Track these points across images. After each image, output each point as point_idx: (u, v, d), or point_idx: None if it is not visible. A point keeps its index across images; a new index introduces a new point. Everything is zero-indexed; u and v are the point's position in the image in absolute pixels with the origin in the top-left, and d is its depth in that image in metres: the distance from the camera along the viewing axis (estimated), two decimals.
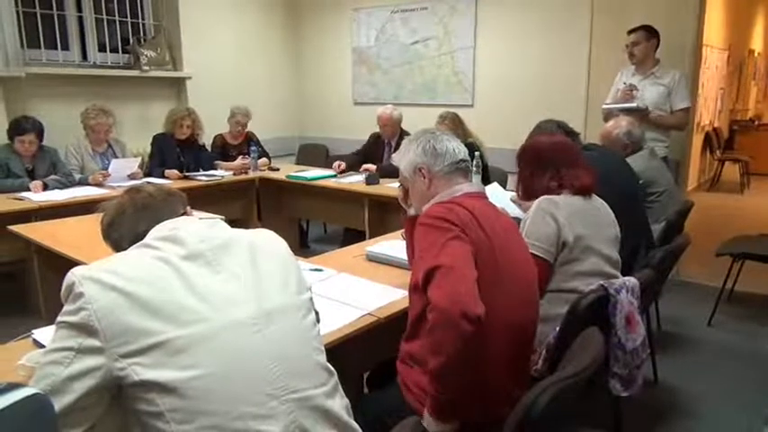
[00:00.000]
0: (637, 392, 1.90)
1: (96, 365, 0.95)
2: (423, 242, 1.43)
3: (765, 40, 10.74)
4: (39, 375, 0.97)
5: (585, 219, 1.94)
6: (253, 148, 4.64)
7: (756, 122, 10.14)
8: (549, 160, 2.01)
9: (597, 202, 2.04)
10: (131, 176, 4.03)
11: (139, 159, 4.26)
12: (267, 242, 1.21)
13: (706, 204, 6.33)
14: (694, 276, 4.06)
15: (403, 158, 1.67)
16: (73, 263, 2.22)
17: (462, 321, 1.22)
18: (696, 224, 3.28)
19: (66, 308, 0.99)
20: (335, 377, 1.17)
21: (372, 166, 4.21)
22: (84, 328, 0.96)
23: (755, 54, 10.15)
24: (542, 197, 1.97)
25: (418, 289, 1.39)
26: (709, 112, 7.62)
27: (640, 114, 3.53)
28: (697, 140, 6.97)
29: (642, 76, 3.76)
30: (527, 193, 2.09)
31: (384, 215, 3.83)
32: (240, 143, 4.78)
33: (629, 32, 3.74)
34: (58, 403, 0.93)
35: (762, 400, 2.58)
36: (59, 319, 0.99)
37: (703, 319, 3.45)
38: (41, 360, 0.99)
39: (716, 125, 8.11)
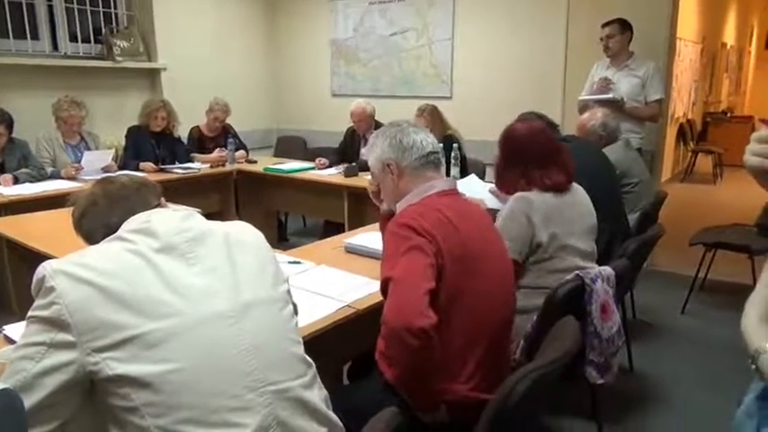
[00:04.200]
0: (612, 380, 1.94)
1: (68, 360, 0.93)
2: (387, 248, 1.46)
3: (737, 33, 10.93)
4: (9, 371, 0.95)
5: (561, 216, 1.94)
6: (230, 140, 4.58)
7: (729, 115, 10.33)
8: (521, 156, 2.00)
9: (576, 194, 2.04)
10: (105, 169, 3.95)
11: (113, 151, 4.17)
12: (243, 234, 1.19)
13: (680, 195, 6.45)
14: (668, 265, 4.13)
15: (371, 154, 1.66)
16: (45, 257, 2.17)
17: (406, 335, 1.25)
18: (670, 214, 3.34)
19: (37, 302, 0.97)
20: (314, 369, 1.17)
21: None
22: (56, 323, 0.94)
23: (728, 47, 10.33)
24: (517, 195, 1.96)
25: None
26: (683, 105, 7.75)
27: (616, 106, 3.57)
28: (671, 132, 7.08)
29: (617, 69, 3.80)
30: (498, 182, 2.11)
31: (363, 207, 3.82)
32: (217, 135, 4.72)
33: (604, 26, 3.77)
34: (29, 399, 0.92)
35: (734, 386, 2.63)
36: (30, 313, 0.97)
37: (677, 308, 3.52)
38: (12, 356, 0.97)
39: (689, 117, 8.25)
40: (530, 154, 1.99)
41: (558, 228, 1.92)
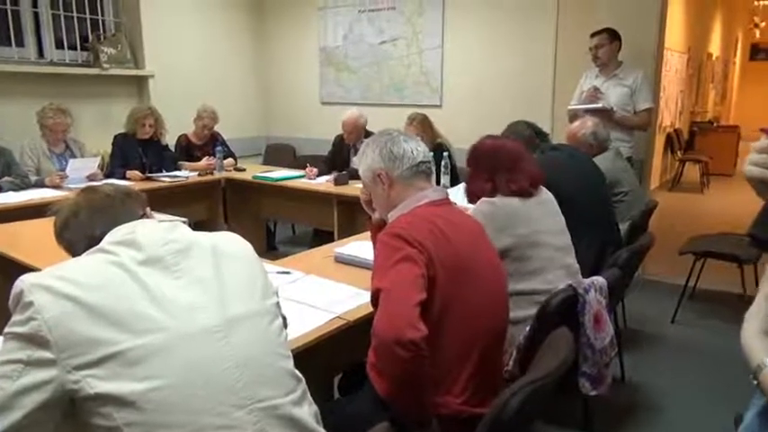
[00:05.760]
0: (606, 391, 1.92)
1: (48, 379, 0.89)
2: (378, 258, 1.43)
3: (722, 44, 11.08)
4: None
5: (527, 215, 1.93)
6: (218, 147, 4.54)
7: (715, 124, 10.44)
8: (486, 163, 2.00)
9: (542, 196, 2.03)
10: (90, 177, 3.90)
11: (99, 159, 4.12)
12: (231, 245, 1.16)
13: (668, 204, 6.48)
14: (657, 274, 4.14)
15: (362, 163, 1.63)
16: (27, 268, 2.12)
17: (396, 348, 1.23)
18: (658, 223, 3.34)
19: (14, 318, 0.93)
20: (303, 384, 1.14)
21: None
22: (34, 340, 0.90)
23: (713, 57, 10.46)
24: (482, 200, 1.96)
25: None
26: (670, 114, 7.81)
27: (605, 115, 3.58)
28: (659, 141, 7.13)
29: (606, 78, 3.81)
30: (467, 193, 2.09)
31: (353, 215, 3.79)
32: (205, 143, 4.68)
33: (593, 35, 3.79)
34: (6, 420, 0.88)
35: (726, 396, 2.64)
36: (7, 330, 0.93)
37: (667, 317, 3.51)
38: None
39: (677, 126, 8.32)
40: (496, 161, 1.99)
41: (525, 227, 1.90)
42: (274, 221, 5.14)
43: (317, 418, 1.14)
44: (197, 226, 1.14)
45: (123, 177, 4.04)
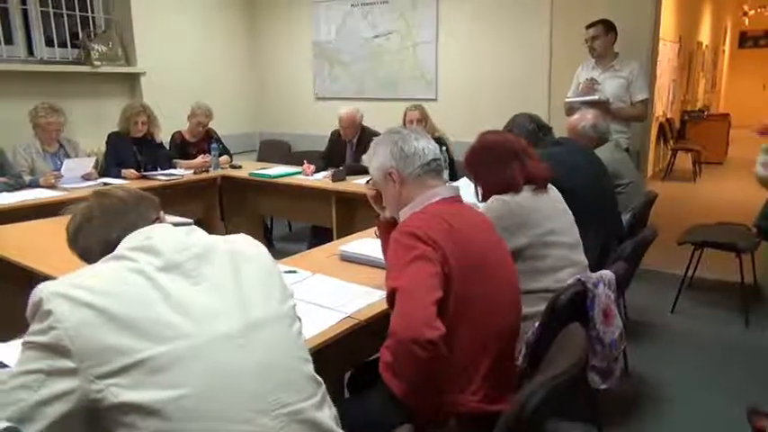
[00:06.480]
0: (615, 384, 1.92)
1: (70, 389, 0.88)
2: (392, 257, 1.43)
3: (712, 33, 11.12)
4: (5, 401, 0.88)
5: (541, 213, 1.92)
6: (213, 145, 4.50)
7: (705, 113, 10.49)
8: (508, 153, 1.96)
9: (551, 193, 2.02)
10: (85, 177, 3.86)
11: (94, 159, 4.07)
12: (248, 249, 1.15)
13: (662, 193, 6.44)
14: (654, 264, 4.14)
15: (372, 161, 1.62)
16: (22, 270, 2.09)
17: (414, 347, 1.23)
18: (654, 212, 3.35)
19: (33, 327, 0.91)
20: (323, 387, 1.13)
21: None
22: (55, 349, 0.88)
23: (703, 46, 10.50)
24: (494, 197, 1.93)
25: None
26: (662, 103, 7.83)
27: (602, 107, 3.58)
28: (652, 131, 7.15)
29: (602, 70, 3.81)
30: (489, 192, 1.99)
31: (352, 212, 3.78)
32: (200, 140, 4.63)
33: (588, 27, 3.79)
34: (28, 431, 0.86)
35: (726, 384, 2.67)
36: (26, 339, 0.92)
37: (666, 307, 3.53)
38: (8, 384, 0.90)
39: (668, 116, 8.35)
40: (501, 157, 1.95)
41: (539, 227, 1.90)
42: (271, 218, 5.11)
43: (336, 420, 1.13)
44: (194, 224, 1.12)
45: (118, 176, 4.01)
